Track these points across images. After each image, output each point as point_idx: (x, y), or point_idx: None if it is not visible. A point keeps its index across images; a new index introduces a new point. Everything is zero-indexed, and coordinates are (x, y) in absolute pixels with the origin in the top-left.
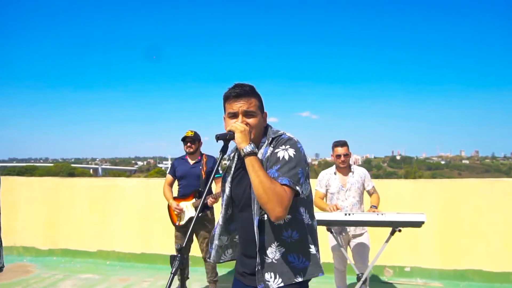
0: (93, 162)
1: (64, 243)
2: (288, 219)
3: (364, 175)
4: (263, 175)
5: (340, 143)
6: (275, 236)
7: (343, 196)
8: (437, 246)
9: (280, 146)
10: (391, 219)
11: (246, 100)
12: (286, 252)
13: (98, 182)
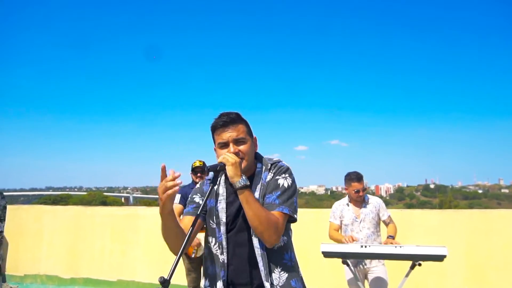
0: (125, 191)
1: (86, 272)
2: (285, 240)
3: (378, 205)
4: (257, 208)
5: (357, 178)
6: (278, 260)
7: (357, 227)
8: (465, 281)
9: (281, 174)
10: (410, 252)
11: (234, 128)
12: (289, 277)
13: (119, 211)
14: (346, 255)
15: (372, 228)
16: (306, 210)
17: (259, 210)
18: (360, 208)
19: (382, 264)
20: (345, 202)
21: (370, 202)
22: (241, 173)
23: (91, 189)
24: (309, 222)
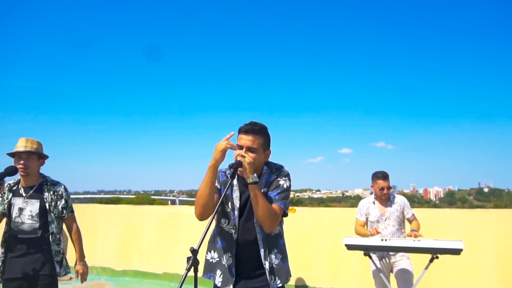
0: (171, 194)
1: (136, 265)
2: (279, 230)
3: (403, 204)
4: (263, 200)
5: (382, 176)
6: (275, 244)
7: (382, 225)
8: (498, 278)
9: (282, 177)
10: (427, 246)
11: (252, 137)
12: (283, 258)
13: (165, 209)
14: (368, 248)
15: (396, 225)
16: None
17: (264, 202)
18: (386, 206)
19: (407, 257)
20: (371, 200)
21: (395, 201)
22: (253, 171)
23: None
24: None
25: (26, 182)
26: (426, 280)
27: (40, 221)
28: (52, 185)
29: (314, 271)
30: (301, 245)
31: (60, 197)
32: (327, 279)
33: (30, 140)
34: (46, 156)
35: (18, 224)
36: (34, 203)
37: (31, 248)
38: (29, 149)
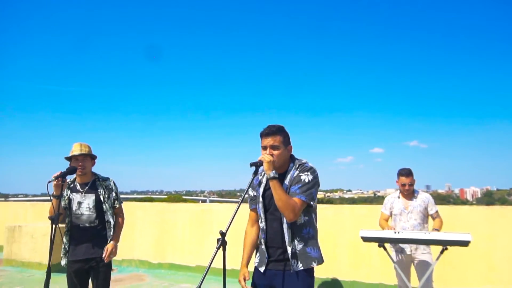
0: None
1: (170, 258)
2: (305, 220)
3: (427, 200)
4: (281, 193)
5: (405, 173)
6: (298, 233)
7: (405, 217)
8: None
9: (304, 172)
10: (437, 238)
11: (273, 137)
12: (305, 245)
13: (197, 207)
14: (381, 240)
15: (419, 219)
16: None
17: (282, 195)
18: (410, 201)
19: (429, 252)
20: (396, 195)
21: (419, 197)
22: (273, 168)
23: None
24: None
25: (82, 180)
26: (444, 276)
27: (96, 212)
28: (103, 181)
29: (337, 264)
30: (325, 240)
31: (111, 190)
32: (349, 272)
33: (83, 144)
34: (96, 157)
35: (78, 216)
36: (90, 197)
37: (90, 235)
38: (83, 152)
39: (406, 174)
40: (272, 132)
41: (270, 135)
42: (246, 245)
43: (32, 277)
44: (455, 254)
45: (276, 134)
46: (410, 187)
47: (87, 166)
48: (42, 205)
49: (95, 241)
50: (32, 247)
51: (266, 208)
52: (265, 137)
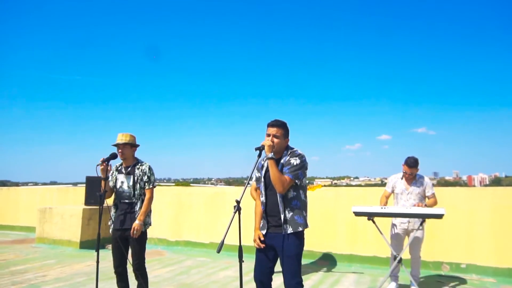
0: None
1: (186, 236)
2: (294, 195)
3: (426, 184)
4: (275, 170)
5: (411, 164)
6: (288, 204)
7: (405, 197)
8: (492, 246)
9: (294, 157)
10: (416, 212)
11: (276, 129)
12: (293, 214)
13: (210, 190)
14: (370, 214)
15: (417, 200)
16: (367, 189)
17: (276, 172)
18: (410, 183)
19: (421, 229)
20: (400, 176)
21: (419, 181)
22: (271, 151)
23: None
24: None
25: (126, 164)
26: (432, 251)
27: (133, 190)
28: (141, 165)
29: (336, 239)
30: (325, 218)
31: (144, 174)
32: (347, 246)
33: (124, 134)
34: (137, 145)
35: (121, 193)
36: (130, 178)
37: (129, 210)
38: (124, 141)
39: (411, 165)
40: (277, 125)
41: (274, 126)
42: (256, 213)
43: (63, 252)
44: (441, 230)
45: (279, 127)
46: (411, 176)
47: (125, 153)
48: (66, 190)
49: (132, 215)
50: (61, 226)
51: (266, 186)
52: (270, 127)
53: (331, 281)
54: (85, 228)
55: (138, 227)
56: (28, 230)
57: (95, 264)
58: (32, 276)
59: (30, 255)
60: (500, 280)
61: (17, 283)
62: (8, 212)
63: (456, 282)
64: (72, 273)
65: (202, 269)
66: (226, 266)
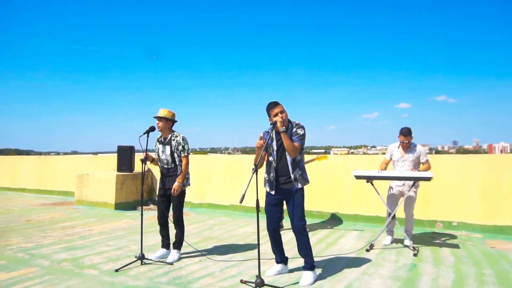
0: (226, 151)
1: (209, 199)
2: (299, 158)
3: (420, 152)
4: (289, 140)
5: (404, 133)
6: (297, 165)
7: (401, 164)
8: (481, 207)
9: (299, 128)
10: (408, 175)
11: (279, 107)
12: (301, 173)
13: (229, 158)
14: (368, 177)
15: (411, 166)
16: (371, 156)
17: (289, 141)
18: (406, 151)
19: (414, 191)
20: (397, 145)
21: (414, 149)
22: (283, 125)
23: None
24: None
25: (163, 135)
26: (427, 210)
27: (171, 158)
28: (176, 137)
29: (343, 202)
30: (334, 183)
31: (179, 144)
32: (352, 207)
33: (162, 110)
34: (172, 119)
35: (162, 160)
36: (168, 147)
37: (169, 173)
38: (160, 115)
39: (404, 134)
40: (278, 104)
41: (277, 105)
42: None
43: (101, 212)
44: (436, 192)
45: (281, 105)
46: (406, 144)
47: (162, 126)
48: (97, 158)
49: (171, 178)
50: (97, 190)
51: (278, 152)
52: (274, 107)
53: (336, 236)
54: (119, 192)
55: (177, 188)
56: (65, 194)
57: (131, 221)
58: (80, 230)
59: (73, 214)
60: (486, 236)
61: (69, 235)
62: (47, 178)
63: (447, 238)
64: (113, 228)
65: (224, 226)
66: (245, 224)
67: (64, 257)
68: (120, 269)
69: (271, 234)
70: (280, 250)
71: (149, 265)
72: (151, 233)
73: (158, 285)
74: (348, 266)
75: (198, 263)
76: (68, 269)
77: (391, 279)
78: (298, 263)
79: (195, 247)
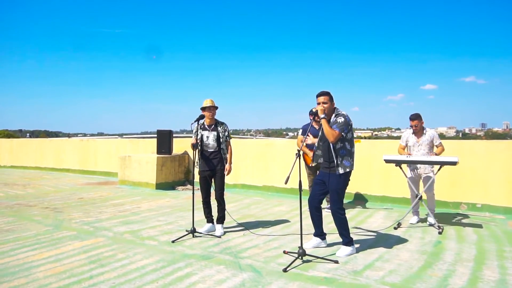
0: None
1: (243, 180)
2: (341, 145)
3: (433, 135)
4: (328, 126)
5: (412, 118)
6: (339, 152)
7: (417, 148)
8: (504, 189)
9: (339, 116)
10: (434, 159)
11: (323, 97)
12: (343, 159)
13: (262, 141)
14: (398, 161)
15: (427, 149)
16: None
17: (328, 127)
18: (420, 136)
19: (432, 172)
20: (411, 132)
21: (427, 133)
22: (323, 113)
23: None
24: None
25: (209, 123)
26: (452, 193)
27: (217, 143)
28: (221, 124)
29: (371, 184)
30: (362, 166)
31: (225, 131)
32: (380, 189)
33: (209, 100)
34: (217, 107)
35: (207, 145)
36: (213, 133)
37: (213, 156)
38: (210, 105)
39: (412, 118)
40: (323, 94)
41: (321, 95)
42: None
43: (144, 192)
44: (461, 175)
45: (325, 95)
46: (416, 128)
47: (214, 115)
48: (137, 141)
49: (216, 160)
50: (139, 171)
51: (319, 138)
52: (318, 97)
53: (366, 215)
54: (159, 173)
55: (229, 168)
56: (106, 175)
57: (172, 200)
58: (130, 207)
59: (119, 193)
60: (509, 217)
61: (121, 211)
62: (89, 159)
63: (471, 218)
64: (158, 206)
65: (259, 205)
66: (278, 204)
67: (124, 230)
68: (176, 240)
69: (312, 211)
70: (318, 225)
71: (199, 238)
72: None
73: (212, 254)
74: (378, 242)
75: (243, 236)
76: (131, 239)
77: (418, 253)
78: (334, 238)
79: (237, 223)
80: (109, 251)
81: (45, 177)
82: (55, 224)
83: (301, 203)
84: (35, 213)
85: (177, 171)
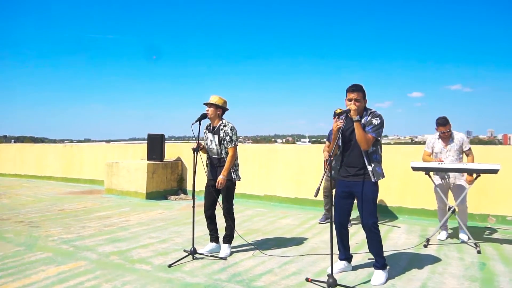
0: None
1: (243, 189)
2: (373, 150)
3: (462, 140)
4: (361, 131)
5: (442, 123)
6: (372, 157)
7: (445, 155)
8: None
9: (374, 117)
10: (471, 167)
11: (356, 93)
12: (375, 166)
13: (264, 147)
14: (427, 169)
15: (455, 156)
16: (414, 146)
17: (362, 132)
18: (448, 141)
19: (464, 179)
20: (436, 137)
21: (455, 138)
22: (357, 114)
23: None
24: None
25: (212, 124)
26: (478, 203)
27: (220, 147)
28: (225, 126)
29: (388, 193)
30: None
31: (227, 134)
32: (397, 199)
33: (213, 96)
34: (222, 107)
35: (211, 149)
36: (216, 137)
37: (218, 163)
38: (210, 102)
39: (443, 124)
40: (356, 89)
41: (355, 91)
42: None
43: (133, 202)
44: (488, 185)
45: (359, 91)
46: (444, 134)
47: (211, 113)
48: (125, 147)
49: (220, 168)
50: (128, 179)
51: (345, 142)
52: (351, 92)
53: (385, 229)
54: (150, 181)
55: (221, 181)
56: (91, 183)
57: (165, 212)
58: (117, 221)
59: (105, 203)
60: None
61: (108, 225)
62: (73, 166)
63: (502, 233)
64: (149, 219)
65: (263, 217)
66: (284, 216)
67: (110, 249)
68: (173, 264)
69: (337, 228)
70: (346, 246)
71: (201, 260)
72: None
73: (219, 282)
74: (412, 263)
75: (252, 258)
76: (118, 263)
77: (465, 279)
78: (359, 259)
79: (242, 240)
80: (92, 279)
81: (24, 185)
82: (28, 243)
83: (332, 217)
84: (7, 229)
85: (170, 179)
